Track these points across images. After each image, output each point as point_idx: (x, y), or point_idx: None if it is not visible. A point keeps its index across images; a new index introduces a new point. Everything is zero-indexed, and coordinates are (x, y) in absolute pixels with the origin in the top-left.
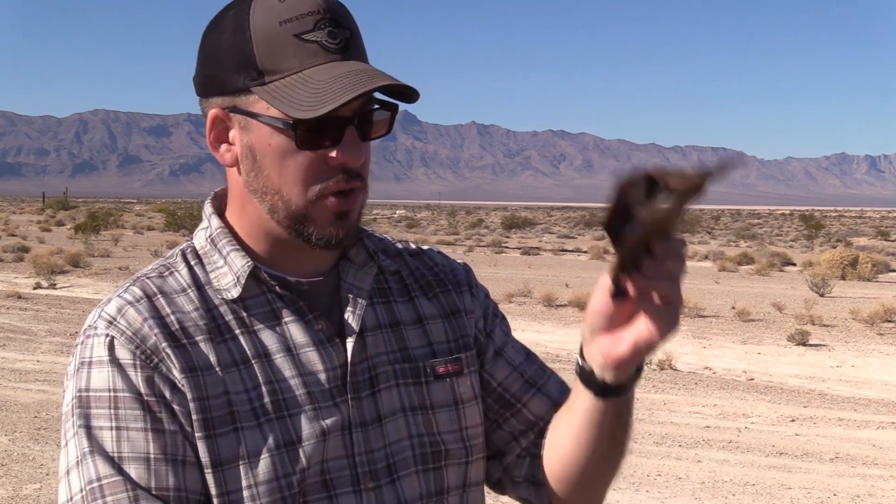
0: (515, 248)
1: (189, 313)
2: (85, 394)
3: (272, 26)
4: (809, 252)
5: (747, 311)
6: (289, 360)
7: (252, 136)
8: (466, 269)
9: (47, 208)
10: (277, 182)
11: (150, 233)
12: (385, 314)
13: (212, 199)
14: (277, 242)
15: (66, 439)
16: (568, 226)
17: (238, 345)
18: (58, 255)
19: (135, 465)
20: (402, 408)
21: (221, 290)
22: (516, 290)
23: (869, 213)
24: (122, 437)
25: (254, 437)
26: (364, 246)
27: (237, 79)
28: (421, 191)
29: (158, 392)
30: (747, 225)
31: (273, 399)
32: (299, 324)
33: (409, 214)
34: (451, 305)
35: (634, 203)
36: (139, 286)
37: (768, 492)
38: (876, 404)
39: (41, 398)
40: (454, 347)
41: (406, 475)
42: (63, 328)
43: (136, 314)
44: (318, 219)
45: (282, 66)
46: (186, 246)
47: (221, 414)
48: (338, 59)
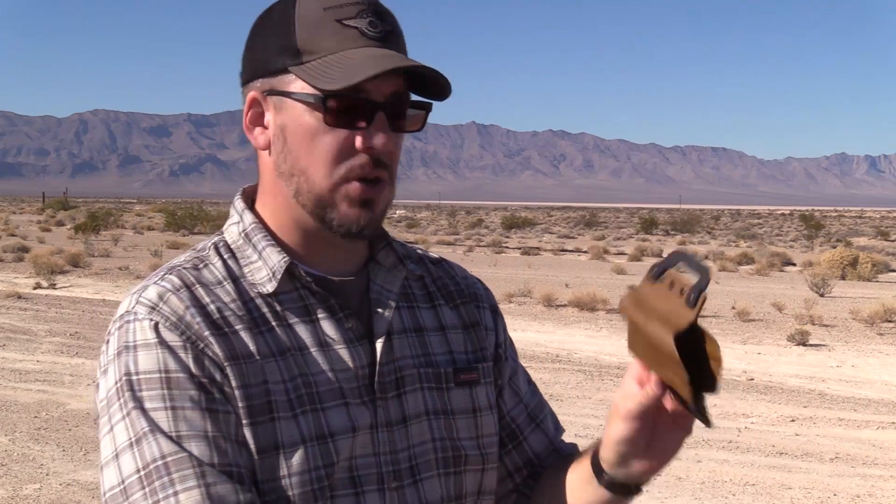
0: (515, 248)
1: (228, 304)
2: (134, 377)
3: (316, 11)
4: (809, 252)
5: (747, 311)
6: (322, 354)
7: (285, 115)
8: (485, 288)
9: (47, 208)
10: (305, 162)
11: (150, 233)
12: (410, 319)
13: (241, 195)
14: (307, 236)
15: (111, 424)
16: (568, 226)
17: (275, 336)
18: (58, 255)
19: (195, 442)
20: (426, 411)
21: (256, 285)
22: (516, 290)
23: (869, 213)
24: (178, 416)
25: (289, 428)
26: (394, 249)
27: (277, 60)
28: (421, 191)
29: (209, 374)
30: (747, 225)
31: (308, 391)
32: (331, 321)
33: (409, 214)
34: (470, 318)
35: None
36: (176, 275)
37: (768, 492)
38: (876, 404)
39: (41, 398)
40: (472, 358)
41: (428, 477)
42: (63, 328)
43: (178, 301)
44: (340, 203)
45: (320, 46)
46: (218, 240)
47: (261, 403)
48: (375, 45)
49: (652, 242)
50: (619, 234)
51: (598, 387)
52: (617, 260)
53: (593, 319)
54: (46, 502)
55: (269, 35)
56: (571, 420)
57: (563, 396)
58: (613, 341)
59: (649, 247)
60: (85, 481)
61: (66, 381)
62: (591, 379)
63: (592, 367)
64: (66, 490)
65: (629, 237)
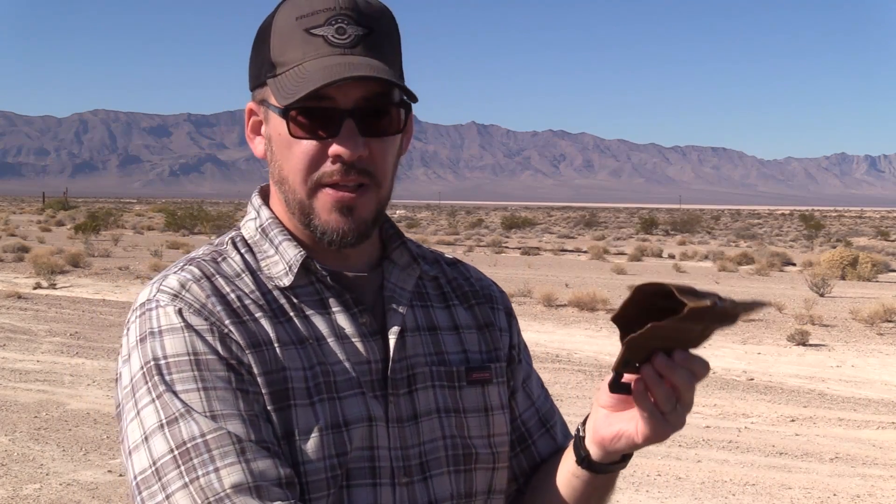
0: (515, 248)
1: (247, 294)
2: (162, 360)
3: (289, 21)
4: (809, 252)
5: None
6: (339, 345)
7: (271, 126)
8: (501, 290)
9: (47, 208)
10: (286, 171)
11: (150, 233)
12: (423, 317)
13: (259, 192)
14: (313, 237)
15: (137, 409)
16: (568, 226)
17: (293, 326)
18: (58, 255)
19: (232, 420)
20: (437, 409)
21: (273, 278)
22: (516, 290)
23: (869, 213)
24: (211, 396)
25: (306, 416)
26: (408, 248)
27: (261, 72)
28: (421, 191)
29: (236, 356)
30: (747, 225)
31: (326, 380)
32: (346, 315)
33: (409, 214)
34: (485, 318)
35: (653, 310)
36: (196, 266)
37: (768, 492)
38: (876, 404)
39: (41, 398)
40: (486, 358)
41: (438, 474)
42: (63, 328)
43: (199, 289)
44: (319, 210)
45: (288, 58)
46: (235, 235)
47: (280, 389)
48: (339, 53)
49: (652, 242)
50: (619, 234)
51: (597, 387)
52: (617, 260)
53: (593, 319)
54: (46, 502)
55: (258, 47)
56: (571, 420)
57: (563, 396)
58: (613, 341)
59: (649, 247)
60: (85, 481)
61: (66, 381)
62: (591, 379)
63: (592, 367)
64: (66, 490)
65: (629, 237)
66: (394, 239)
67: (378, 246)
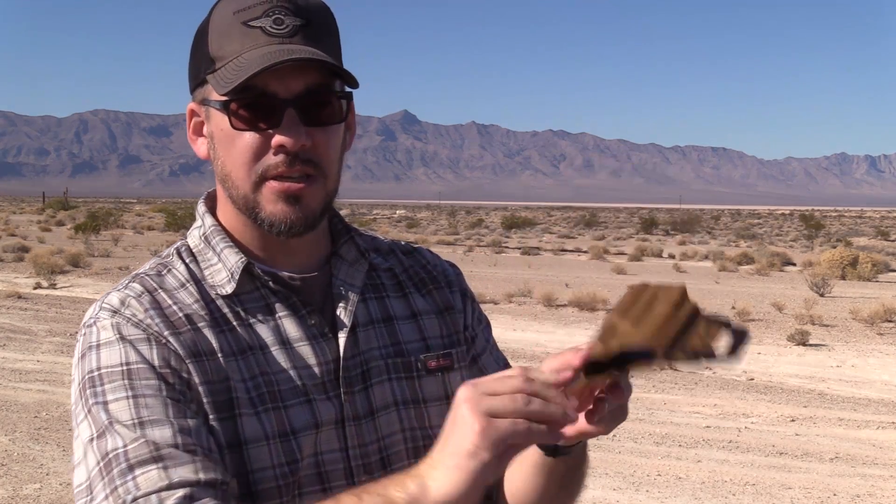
0: (515, 248)
1: (190, 304)
2: (96, 373)
3: (226, 16)
4: (809, 252)
5: (747, 310)
6: (284, 352)
7: (212, 123)
8: (457, 272)
9: (47, 208)
10: (229, 167)
11: (150, 233)
12: (378, 309)
13: (205, 199)
14: (262, 236)
15: (77, 423)
16: (568, 226)
17: (236, 336)
18: (58, 255)
19: (158, 427)
20: (394, 402)
21: (216, 286)
22: (516, 290)
23: (869, 213)
24: (139, 403)
25: (252, 425)
26: (355, 243)
27: (200, 70)
28: (421, 191)
29: (171, 366)
30: (747, 225)
31: (269, 390)
32: (293, 318)
33: (409, 214)
34: (444, 302)
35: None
36: (139, 282)
37: (768, 492)
38: (876, 404)
39: (41, 398)
40: (447, 343)
41: (399, 468)
42: (63, 328)
43: (139, 305)
44: (265, 204)
45: (227, 51)
46: (181, 244)
47: (224, 399)
48: (277, 42)
49: (652, 242)
50: (619, 234)
51: None
52: (617, 260)
53: (593, 319)
54: (46, 502)
55: (197, 46)
56: None
57: None
58: None
59: (649, 247)
60: None
61: (66, 381)
62: None
63: None
64: (66, 490)
65: (629, 237)
66: (342, 234)
67: (327, 243)
